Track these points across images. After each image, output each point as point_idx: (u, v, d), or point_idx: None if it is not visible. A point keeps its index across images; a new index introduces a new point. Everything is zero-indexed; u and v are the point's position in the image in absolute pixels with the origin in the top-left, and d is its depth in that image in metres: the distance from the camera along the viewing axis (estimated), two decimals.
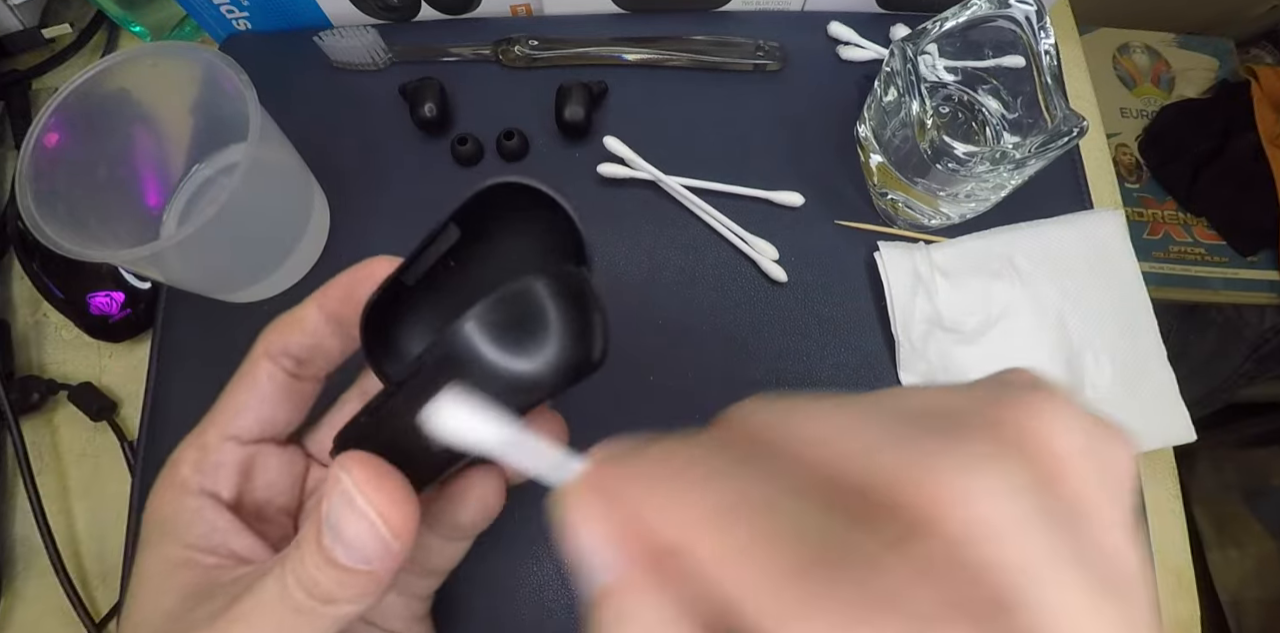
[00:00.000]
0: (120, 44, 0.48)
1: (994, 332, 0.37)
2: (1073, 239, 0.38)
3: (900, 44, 0.33)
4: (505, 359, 0.18)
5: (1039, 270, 0.37)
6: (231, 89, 0.32)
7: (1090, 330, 0.37)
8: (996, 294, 0.37)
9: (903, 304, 0.37)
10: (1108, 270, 0.38)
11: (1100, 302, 0.37)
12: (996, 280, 0.37)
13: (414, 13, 0.43)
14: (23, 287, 0.42)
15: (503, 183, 0.20)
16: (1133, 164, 0.89)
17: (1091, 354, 0.37)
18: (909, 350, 0.37)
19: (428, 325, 0.23)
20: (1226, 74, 0.93)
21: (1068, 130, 0.32)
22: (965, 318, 0.37)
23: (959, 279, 0.37)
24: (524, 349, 0.18)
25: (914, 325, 0.37)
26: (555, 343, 0.18)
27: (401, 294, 0.22)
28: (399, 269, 0.22)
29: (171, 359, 0.38)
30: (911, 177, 0.35)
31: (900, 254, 0.38)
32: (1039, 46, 0.33)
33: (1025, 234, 0.38)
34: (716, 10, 0.44)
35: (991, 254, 0.38)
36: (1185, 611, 0.36)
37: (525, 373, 0.18)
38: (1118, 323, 0.37)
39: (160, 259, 0.31)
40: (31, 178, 0.30)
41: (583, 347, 0.18)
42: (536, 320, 0.18)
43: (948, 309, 0.37)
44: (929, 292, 0.37)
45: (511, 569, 0.34)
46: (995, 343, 0.37)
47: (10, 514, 0.38)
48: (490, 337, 0.18)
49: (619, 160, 0.40)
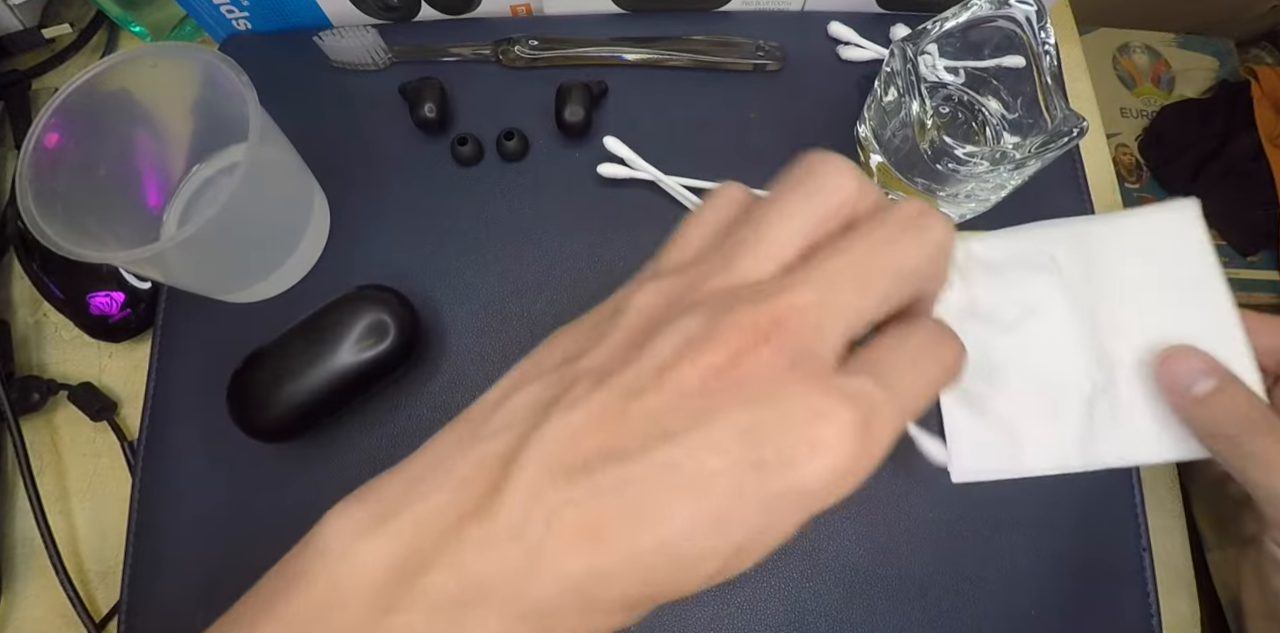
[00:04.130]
0: (120, 44, 0.48)
1: (1032, 323, 0.36)
2: (1124, 238, 0.35)
3: (900, 44, 0.33)
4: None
5: (1080, 268, 0.35)
6: (231, 89, 0.32)
7: (1130, 335, 0.34)
8: (1036, 287, 0.36)
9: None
10: (1169, 274, 0.34)
11: (1148, 307, 0.34)
12: (1037, 273, 0.36)
13: (414, 13, 0.43)
14: (23, 287, 0.42)
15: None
16: (1133, 164, 0.90)
17: (1127, 362, 0.34)
18: None
19: None
20: (1226, 74, 0.93)
21: (1068, 130, 0.32)
22: (1003, 308, 0.36)
23: (997, 269, 0.36)
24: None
25: (953, 317, 0.35)
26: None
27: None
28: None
29: (171, 359, 0.38)
30: (911, 177, 0.35)
31: None
32: (1039, 46, 0.33)
33: (1071, 230, 0.36)
34: (716, 10, 0.44)
35: (1033, 246, 0.36)
36: (1185, 610, 0.36)
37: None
38: (1171, 330, 0.34)
39: (160, 260, 0.31)
40: (31, 178, 0.30)
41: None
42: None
43: (985, 299, 0.36)
44: (966, 282, 0.36)
45: None
46: (1032, 335, 0.35)
47: (10, 514, 0.38)
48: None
49: (619, 160, 0.40)
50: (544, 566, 0.16)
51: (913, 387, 0.18)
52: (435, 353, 0.38)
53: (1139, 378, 0.33)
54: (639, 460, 0.16)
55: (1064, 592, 0.34)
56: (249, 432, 0.34)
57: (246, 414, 0.34)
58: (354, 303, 0.34)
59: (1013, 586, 0.34)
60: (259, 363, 0.34)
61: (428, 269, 0.39)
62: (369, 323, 0.34)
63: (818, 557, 0.35)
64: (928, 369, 0.19)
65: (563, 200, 0.40)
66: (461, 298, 0.38)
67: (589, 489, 0.16)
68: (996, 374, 0.35)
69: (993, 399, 0.35)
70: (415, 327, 0.35)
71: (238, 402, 0.34)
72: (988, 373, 0.35)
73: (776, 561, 0.34)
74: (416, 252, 0.39)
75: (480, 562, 0.16)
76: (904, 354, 0.19)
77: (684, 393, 0.17)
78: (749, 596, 0.34)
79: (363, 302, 0.34)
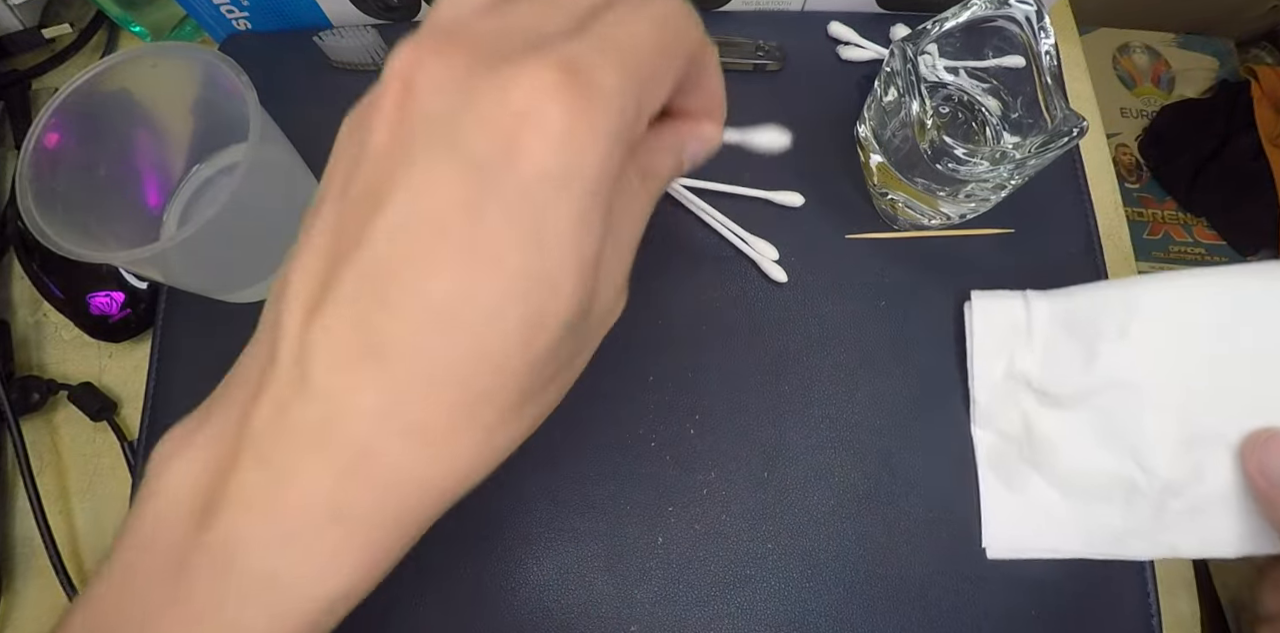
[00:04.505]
0: (120, 44, 0.48)
1: (1097, 400, 0.31)
2: (1221, 299, 0.30)
3: (900, 44, 0.33)
4: None
5: (1164, 336, 0.30)
6: (231, 89, 0.32)
7: (1225, 419, 0.29)
8: (1105, 358, 0.31)
9: (985, 361, 0.34)
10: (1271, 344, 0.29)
11: (1244, 382, 0.29)
12: (1108, 342, 0.31)
13: (414, 13, 0.43)
14: (23, 287, 0.42)
15: None
16: (1133, 164, 0.90)
17: (1217, 450, 0.29)
18: (986, 409, 0.34)
19: None
20: (1226, 74, 0.94)
21: (1068, 130, 0.32)
22: (1061, 381, 0.32)
23: (1061, 337, 0.32)
24: None
25: (997, 383, 0.34)
26: None
27: None
28: None
29: (171, 359, 0.38)
30: (911, 177, 0.35)
31: (998, 307, 0.34)
32: (1039, 46, 0.33)
33: (1155, 288, 0.30)
34: (716, 10, 0.44)
35: (1107, 310, 0.31)
36: (1185, 610, 0.36)
37: None
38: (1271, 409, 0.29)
39: (160, 260, 0.31)
40: (31, 178, 0.30)
41: None
42: None
43: (1042, 369, 0.33)
44: (1026, 347, 0.33)
45: (511, 570, 0.34)
46: (1094, 414, 0.31)
47: (10, 514, 0.38)
48: None
49: None
50: (341, 403, 0.15)
51: (614, 32, 0.16)
52: None
53: (1227, 463, 0.29)
54: (365, 251, 0.14)
55: (1064, 592, 0.34)
56: None
57: None
58: None
59: (1013, 586, 0.34)
60: None
61: None
62: None
63: (818, 557, 0.35)
64: (632, 19, 0.17)
65: None
66: None
67: (336, 306, 0.15)
68: (1044, 450, 0.32)
69: (1033, 477, 0.33)
70: None
71: None
72: (1035, 448, 0.33)
73: (776, 560, 0.34)
74: None
75: (280, 437, 0.15)
76: (597, 11, 0.16)
77: (377, 159, 0.15)
78: (749, 596, 0.34)
79: None
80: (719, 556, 0.35)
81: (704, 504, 0.35)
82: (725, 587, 0.34)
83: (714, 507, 0.35)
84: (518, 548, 0.35)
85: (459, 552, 0.35)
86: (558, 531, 0.35)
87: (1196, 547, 0.30)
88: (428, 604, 0.34)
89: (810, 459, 0.36)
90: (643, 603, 0.34)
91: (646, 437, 0.36)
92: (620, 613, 0.34)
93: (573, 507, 0.35)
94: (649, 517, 0.35)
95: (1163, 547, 0.30)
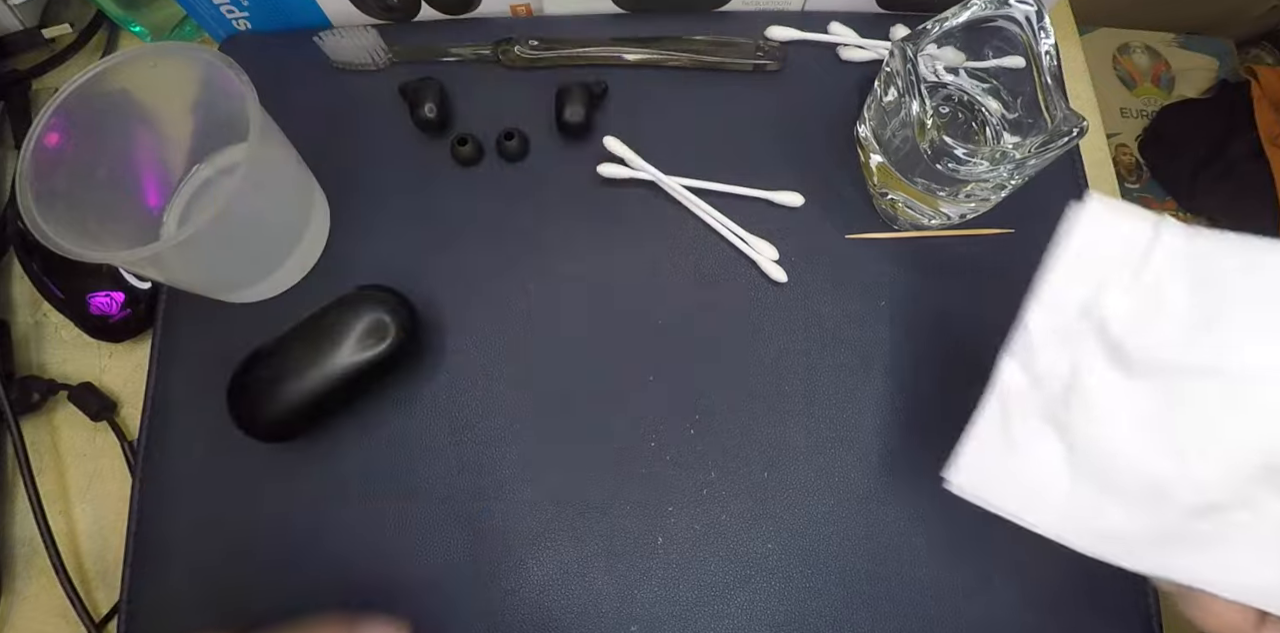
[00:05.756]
0: (120, 44, 0.48)
1: (1183, 382, 0.24)
2: None
3: (900, 44, 0.33)
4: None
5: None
6: (231, 89, 0.32)
7: None
8: (1226, 334, 0.24)
9: (1062, 285, 0.26)
10: None
11: None
12: (1241, 315, 0.24)
13: (414, 13, 0.43)
14: (23, 287, 0.42)
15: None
16: (1133, 164, 0.90)
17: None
18: (1032, 341, 0.27)
19: None
20: (1226, 74, 0.94)
21: (1068, 130, 0.32)
22: (1152, 344, 0.25)
23: (1182, 287, 0.25)
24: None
25: (1063, 317, 0.26)
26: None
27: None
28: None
29: (171, 359, 0.38)
30: (911, 177, 0.35)
31: (1115, 220, 0.26)
32: (1039, 47, 0.33)
33: None
34: (716, 10, 0.44)
35: (1263, 275, 0.24)
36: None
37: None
38: None
39: (160, 260, 0.31)
40: (31, 178, 0.30)
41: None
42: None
43: (1134, 319, 0.25)
44: (1128, 285, 0.25)
45: (512, 570, 0.34)
46: (1169, 397, 0.25)
47: (10, 514, 0.38)
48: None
49: (619, 160, 0.40)
50: None
51: None
52: (435, 353, 0.38)
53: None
54: None
55: (1064, 592, 0.34)
56: (249, 432, 0.34)
57: (246, 414, 0.34)
58: (354, 303, 0.34)
59: (1013, 586, 0.34)
60: (259, 363, 0.34)
61: (427, 269, 0.39)
62: (369, 323, 0.34)
63: (818, 557, 0.35)
64: None
65: (563, 200, 0.40)
66: (461, 298, 0.38)
67: None
68: (1079, 416, 0.26)
69: (1046, 440, 0.27)
70: (415, 327, 0.35)
71: (238, 402, 0.34)
72: (1069, 409, 0.26)
73: (776, 560, 0.34)
74: (416, 252, 0.39)
75: None
76: None
77: None
78: (749, 596, 0.34)
79: (363, 302, 0.34)
80: (719, 556, 0.35)
81: (704, 504, 0.35)
82: (725, 587, 0.34)
83: (714, 507, 0.35)
84: (518, 548, 0.35)
85: (459, 552, 0.35)
86: (558, 531, 0.35)
87: (1193, 576, 0.25)
88: (428, 604, 0.34)
89: (810, 459, 0.36)
90: (643, 603, 0.34)
91: (646, 437, 0.36)
92: (620, 613, 0.34)
93: (573, 507, 0.35)
94: (649, 517, 0.35)
95: (1155, 564, 0.26)
